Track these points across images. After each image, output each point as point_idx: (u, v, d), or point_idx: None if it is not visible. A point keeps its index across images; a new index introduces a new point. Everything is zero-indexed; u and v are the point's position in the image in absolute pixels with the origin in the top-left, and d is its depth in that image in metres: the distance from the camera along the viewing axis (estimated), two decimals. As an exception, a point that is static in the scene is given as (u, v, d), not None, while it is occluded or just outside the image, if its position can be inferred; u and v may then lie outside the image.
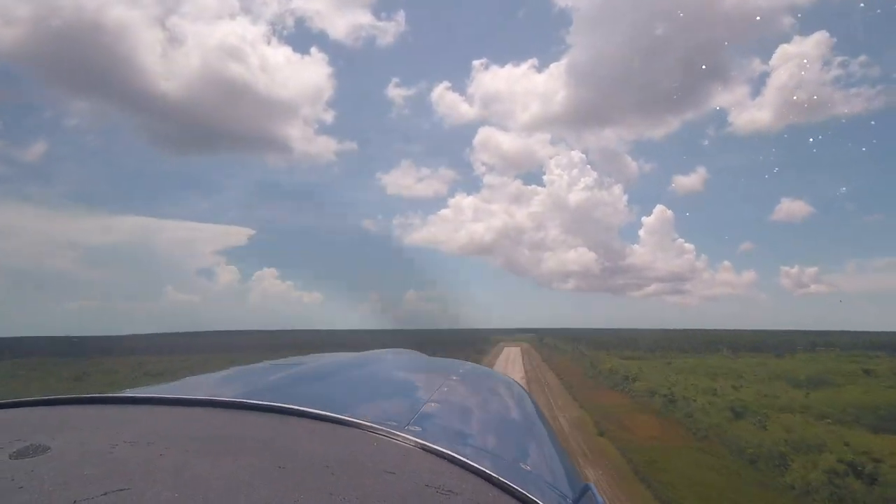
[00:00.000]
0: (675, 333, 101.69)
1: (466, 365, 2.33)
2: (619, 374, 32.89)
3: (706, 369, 35.35)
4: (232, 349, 57.21)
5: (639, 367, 34.74)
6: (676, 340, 68.73)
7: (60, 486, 0.64)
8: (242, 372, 1.90)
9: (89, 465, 0.72)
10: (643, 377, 29.16)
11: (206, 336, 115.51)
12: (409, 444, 0.96)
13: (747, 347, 59.73)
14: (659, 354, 52.92)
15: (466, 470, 0.88)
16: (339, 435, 0.98)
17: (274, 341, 75.10)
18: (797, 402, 21.92)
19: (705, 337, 74.18)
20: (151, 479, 0.69)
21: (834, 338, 77.86)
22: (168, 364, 41.11)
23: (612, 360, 41.39)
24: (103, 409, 1.12)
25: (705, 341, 66.94)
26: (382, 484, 0.76)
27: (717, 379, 30.54)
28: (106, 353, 51.69)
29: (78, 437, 0.86)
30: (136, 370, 37.67)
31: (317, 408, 1.07)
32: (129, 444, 0.82)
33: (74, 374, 36.22)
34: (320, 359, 2.17)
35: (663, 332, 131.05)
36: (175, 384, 1.62)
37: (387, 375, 1.95)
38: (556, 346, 77.84)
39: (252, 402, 1.11)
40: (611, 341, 70.96)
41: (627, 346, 63.15)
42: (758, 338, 76.18)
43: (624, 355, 51.97)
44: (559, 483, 1.14)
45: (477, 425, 1.40)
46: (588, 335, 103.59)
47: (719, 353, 56.44)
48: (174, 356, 51.29)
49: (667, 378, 28.90)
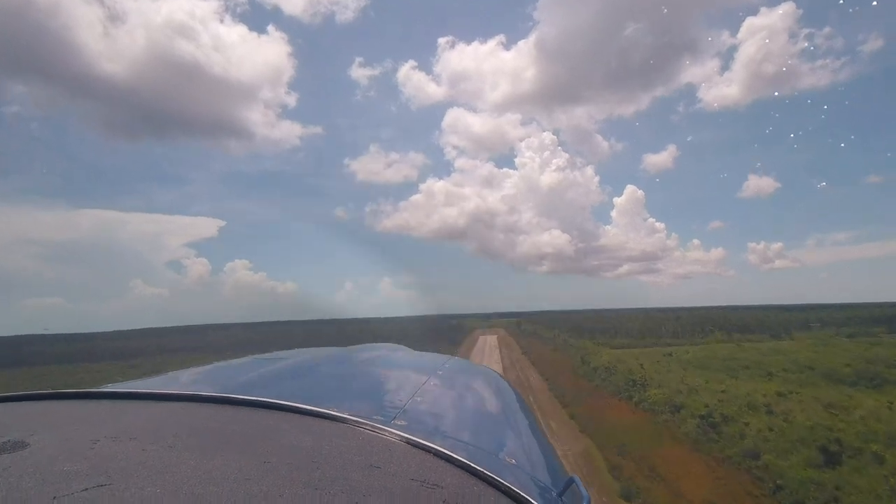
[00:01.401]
0: (655, 313, 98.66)
1: (452, 359, 2.28)
2: (619, 374, 26.68)
3: (718, 362, 29.98)
4: (206, 349, 49.20)
5: (638, 360, 29.13)
6: (662, 322, 64.48)
7: (39, 483, 0.63)
8: (227, 367, 1.89)
9: (69, 460, 0.71)
10: (652, 379, 23.15)
11: (174, 333, 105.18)
12: (394, 438, 0.96)
13: (737, 328, 55.89)
14: (650, 341, 48.21)
15: (452, 464, 0.88)
16: (325, 430, 0.98)
17: (252, 336, 67.22)
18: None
19: (690, 318, 70.41)
20: (133, 475, 0.67)
21: (813, 313, 75.89)
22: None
23: (604, 353, 35.75)
24: (85, 405, 1.11)
25: (692, 323, 62.90)
26: (368, 478, 0.75)
27: (739, 376, 24.99)
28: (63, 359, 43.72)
29: (58, 433, 0.85)
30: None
31: (302, 403, 1.08)
32: (111, 439, 0.81)
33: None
34: (305, 353, 2.14)
35: (642, 312, 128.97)
36: (158, 378, 1.60)
37: (372, 370, 1.93)
38: (535, 333, 72.27)
39: (237, 397, 1.11)
40: (593, 326, 66.12)
41: (612, 332, 58.30)
42: (742, 316, 73.14)
43: (613, 343, 46.92)
44: (544, 475, 1.15)
45: (462, 419, 1.40)
46: (566, 318, 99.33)
47: (712, 335, 52.29)
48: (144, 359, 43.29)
49: (682, 380, 23.08)
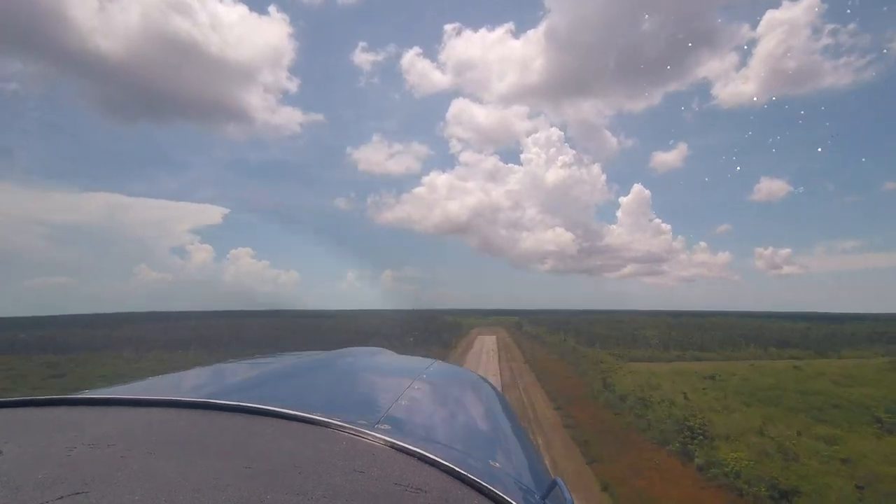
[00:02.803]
0: (665, 317, 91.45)
1: (436, 363, 2.27)
2: (657, 408, 19.30)
3: (786, 394, 22.84)
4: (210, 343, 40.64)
5: (673, 383, 22.11)
6: (682, 330, 57.41)
7: (12, 492, 0.62)
8: (208, 371, 1.85)
9: (44, 468, 0.69)
10: (712, 423, 15.98)
11: (173, 318, 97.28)
12: (378, 442, 0.95)
13: (773, 341, 48.74)
14: (674, 353, 41.22)
15: (436, 468, 0.87)
16: (308, 434, 0.98)
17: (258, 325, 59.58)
18: None
19: (712, 325, 63.17)
20: (111, 482, 0.66)
21: (847, 325, 68.78)
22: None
23: (626, 371, 28.75)
24: (62, 412, 1.09)
25: (716, 331, 55.73)
26: (351, 483, 0.74)
27: (831, 419, 17.87)
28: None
29: (33, 440, 0.83)
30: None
31: (284, 407, 1.06)
32: (89, 446, 0.79)
33: None
34: (287, 357, 2.14)
35: (649, 315, 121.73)
36: (137, 384, 1.56)
37: (356, 374, 1.91)
38: (538, 337, 65.35)
39: (218, 402, 1.09)
40: (604, 332, 59.10)
41: (626, 340, 51.27)
42: (766, 326, 65.95)
43: (631, 354, 40.01)
44: (528, 479, 1.14)
45: (446, 423, 1.40)
46: (570, 319, 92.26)
47: (745, 348, 45.23)
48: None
49: (760, 429, 15.97)
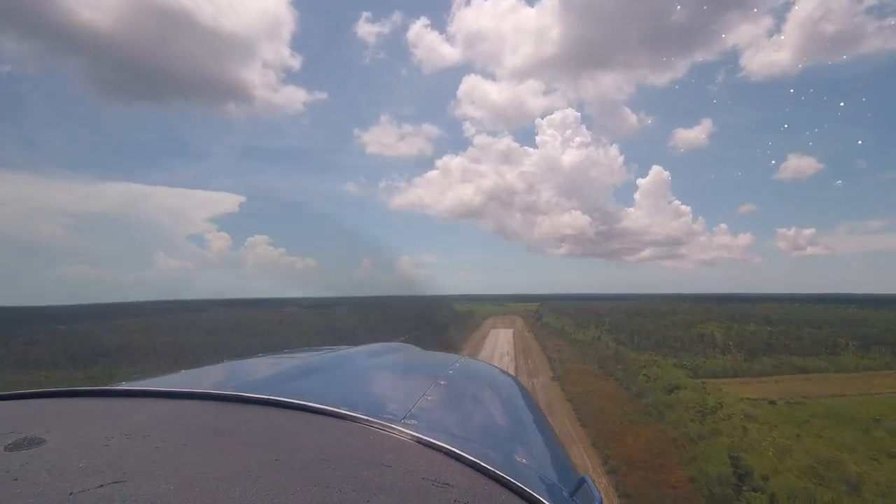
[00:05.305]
0: (687, 300, 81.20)
1: (462, 359, 2.26)
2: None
3: None
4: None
5: (798, 436, 12.28)
6: (754, 330, 47.27)
7: (56, 479, 0.65)
8: (238, 365, 1.89)
9: (84, 457, 0.72)
10: None
11: (195, 306, 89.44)
12: (405, 437, 0.97)
13: (874, 338, 38.55)
14: (769, 364, 31.22)
15: (462, 463, 0.89)
16: (336, 428, 0.99)
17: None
18: None
19: (777, 317, 52.99)
20: (147, 472, 0.69)
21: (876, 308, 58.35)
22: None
23: (742, 415, 18.83)
24: (99, 402, 1.13)
25: (809, 337, 45.52)
26: (379, 476, 0.76)
27: None
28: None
29: (73, 430, 0.87)
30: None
31: (313, 401, 1.08)
32: (125, 436, 0.83)
33: None
34: (316, 352, 2.13)
35: (673, 298, 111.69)
36: (171, 377, 1.61)
37: (383, 369, 1.91)
38: (563, 332, 54.00)
39: (248, 395, 1.11)
40: (648, 327, 49.08)
41: (684, 341, 41.27)
42: (842, 316, 55.79)
43: (708, 368, 30.17)
44: (555, 475, 1.13)
45: (472, 419, 1.39)
46: (591, 305, 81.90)
47: (847, 351, 35.18)
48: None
49: None
